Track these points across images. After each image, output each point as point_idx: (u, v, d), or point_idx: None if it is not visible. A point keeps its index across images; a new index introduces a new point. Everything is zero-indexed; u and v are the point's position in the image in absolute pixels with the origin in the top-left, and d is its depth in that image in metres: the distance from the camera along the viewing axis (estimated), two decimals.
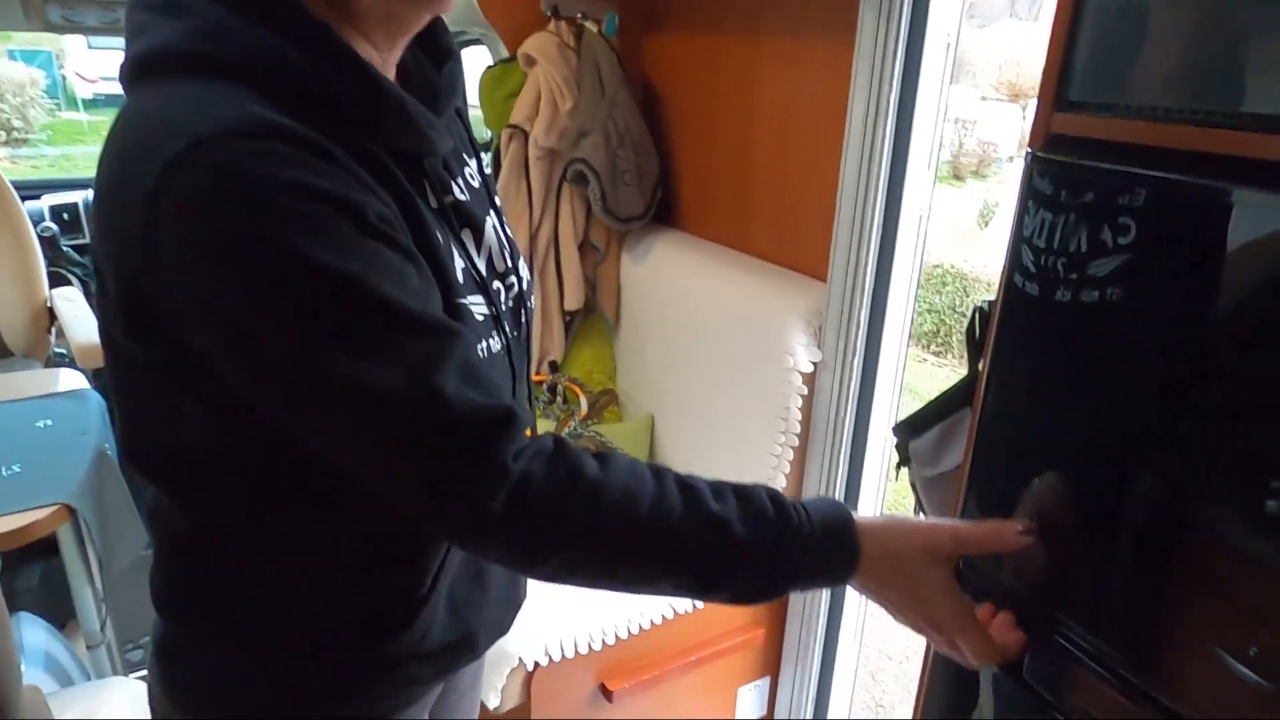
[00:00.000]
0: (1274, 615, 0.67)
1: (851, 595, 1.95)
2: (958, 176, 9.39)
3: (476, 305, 0.78)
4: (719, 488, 0.72)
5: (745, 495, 0.72)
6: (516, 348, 0.85)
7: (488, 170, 0.93)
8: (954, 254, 6.40)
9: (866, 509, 1.85)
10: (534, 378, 2.21)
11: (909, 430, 1.00)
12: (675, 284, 2.06)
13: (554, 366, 2.29)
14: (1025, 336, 0.81)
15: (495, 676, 1.57)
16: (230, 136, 0.60)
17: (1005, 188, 8.26)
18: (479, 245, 0.84)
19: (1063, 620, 0.76)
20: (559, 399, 2.24)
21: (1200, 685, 0.69)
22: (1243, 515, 0.69)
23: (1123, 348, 0.72)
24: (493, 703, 1.57)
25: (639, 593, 0.73)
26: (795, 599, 1.97)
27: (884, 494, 1.89)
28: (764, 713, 2.07)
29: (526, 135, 2.09)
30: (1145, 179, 0.63)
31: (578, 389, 2.23)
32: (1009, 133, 9.62)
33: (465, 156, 0.88)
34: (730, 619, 1.90)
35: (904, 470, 1.05)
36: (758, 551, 0.70)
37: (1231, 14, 0.59)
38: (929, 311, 6.16)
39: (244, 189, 0.59)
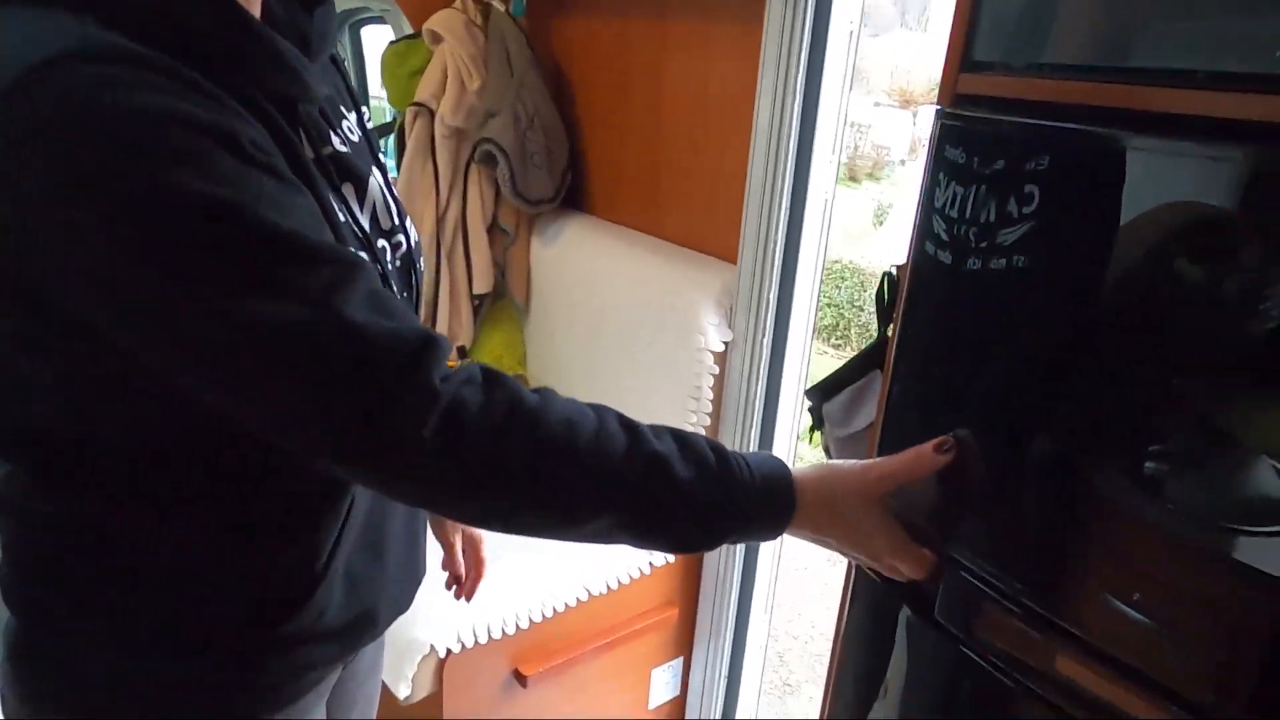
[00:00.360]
0: (1152, 567, 0.72)
1: (761, 576, 1.99)
2: (853, 178, 9.73)
3: None
4: (658, 430, 0.70)
5: (685, 440, 0.71)
6: None
7: (370, 124, 0.89)
8: (851, 251, 6.63)
9: None
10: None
11: (821, 394, 1.03)
12: (586, 267, 2.05)
13: (462, 352, 2.24)
14: (935, 302, 0.84)
15: (405, 665, 1.52)
16: (70, 62, 0.53)
17: (898, 189, 8.61)
18: (361, 200, 0.79)
19: (972, 561, 0.79)
20: None
21: (1095, 619, 0.73)
22: (1126, 475, 0.74)
23: (1026, 313, 0.76)
24: (403, 692, 1.52)
25: (570, 535, 0.70)
26: (708, 578, 1.99)
27: (792, 465, 1.93)
28: (677, 693, 2.09)
29: (432, 114, 2.03)
30: (1048, 137, 0.66)
31: None
32: (901, 137, 10.04)
33: (344, 109, 0.84)
34: (644, 600, 1.91)
35: (818, 434, 1.08)
36: (700, 496, 0.68)
37: None
38: (829, 306, 6.36)
39: (91, 119, 0.52)
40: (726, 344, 1.76)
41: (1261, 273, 0.67)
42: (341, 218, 0.74)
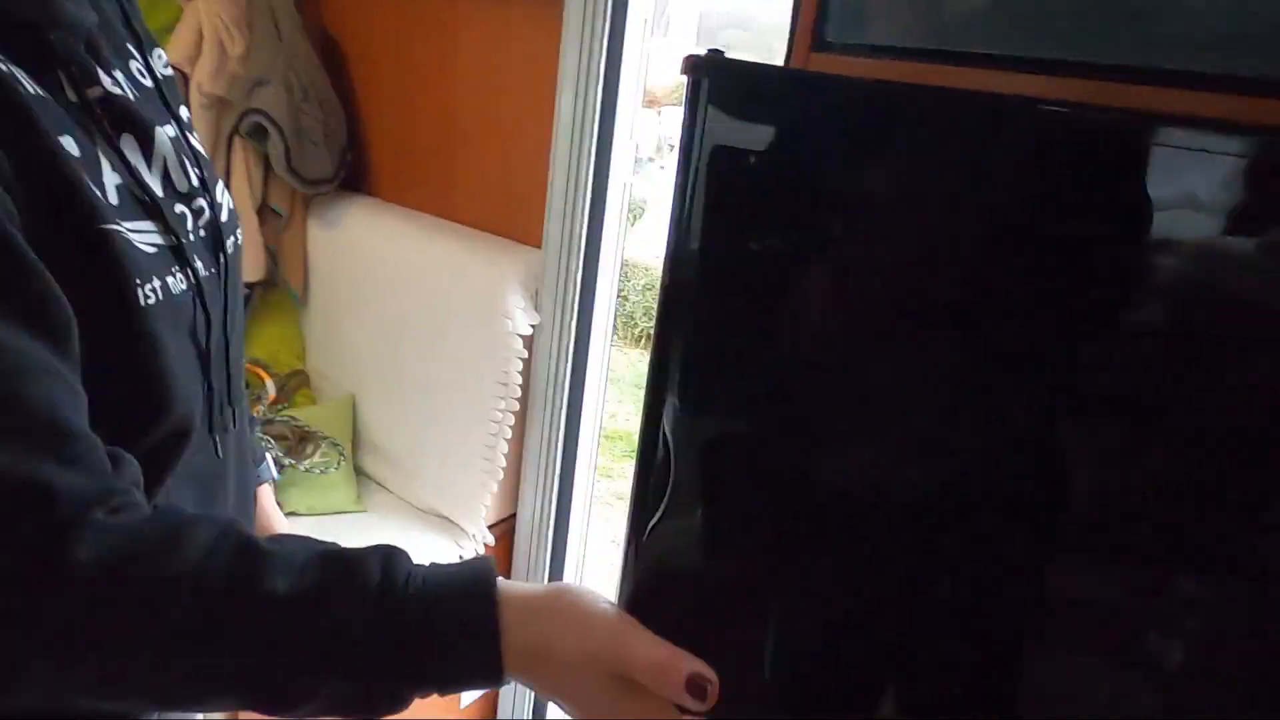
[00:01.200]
0: None
1: (570, 561, 2.00)
2: None
3: (141, 233, 0.64)
4: (293, 555, 0.54)
5: (337, 562, 0.55)
6: (212, 288, 0.72)
7: (168, 71, 0.78)
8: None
9: (584, 464, 1.91)
10: None
11: None
12: (376, 253, 1.93)
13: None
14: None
15: None
16: None
17: (650, 184, 9.00)
18: (149, 156, 0.69)
19: None
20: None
21: None
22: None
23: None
24: None
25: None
26: (518, 565, 1.97)
27: (598, 447, 1.96)
28: (488, 690, 2.04)
29: (186, 79, 1.80)
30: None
31: (262, 372, 1.99)
32: (648, 136, 10.54)
33: (131, 48, 0.73)
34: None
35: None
36: (348, 645, 0.52)
37: None
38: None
39: None
40: (534, 327, 1.75)
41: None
42: (115, 178, 0.63)
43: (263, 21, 1.83)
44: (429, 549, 1.80)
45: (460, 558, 1.80)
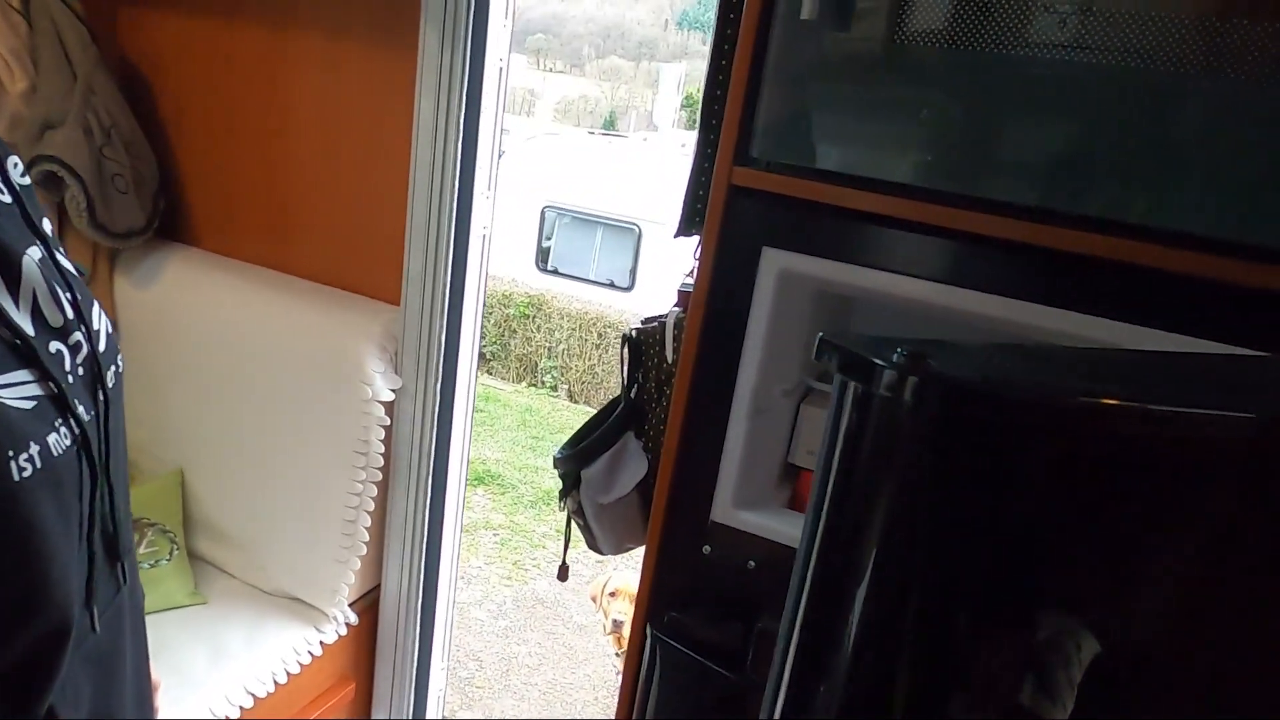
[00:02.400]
0: None
1: (439, 630, 1.90)
2: None
3: (14, 386, 0.55)
4: None
5: None
6: (95, 436, 0.62)
7: (25, 180, 0.66)
8: None
9: (450, 527, 1.82)
10: None
11: (580, 460, 1.02)
12: (200, 311, 1.73)
13: None
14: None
15: None
16: None
17: None
18: (15, 292, 0.59)
19: None
20: None
21: None
22: None
23: None
24: None
25: None
26: (384, 644, 1.84)
27: (461, 512, 1.88)
28: None
29: None
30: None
31: None
32: None
33: None
34: (318, 682, 1.70)
35: (567, 499, 1.07)
36: None
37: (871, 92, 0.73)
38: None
39: None
40: (395, 391, 1.64)
41: None
42: None
43: (50, 54, 1.59)
44: (283, 637, 1.64)
45: (321, 643, 1.68)
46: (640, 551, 0.94)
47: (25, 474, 0.54)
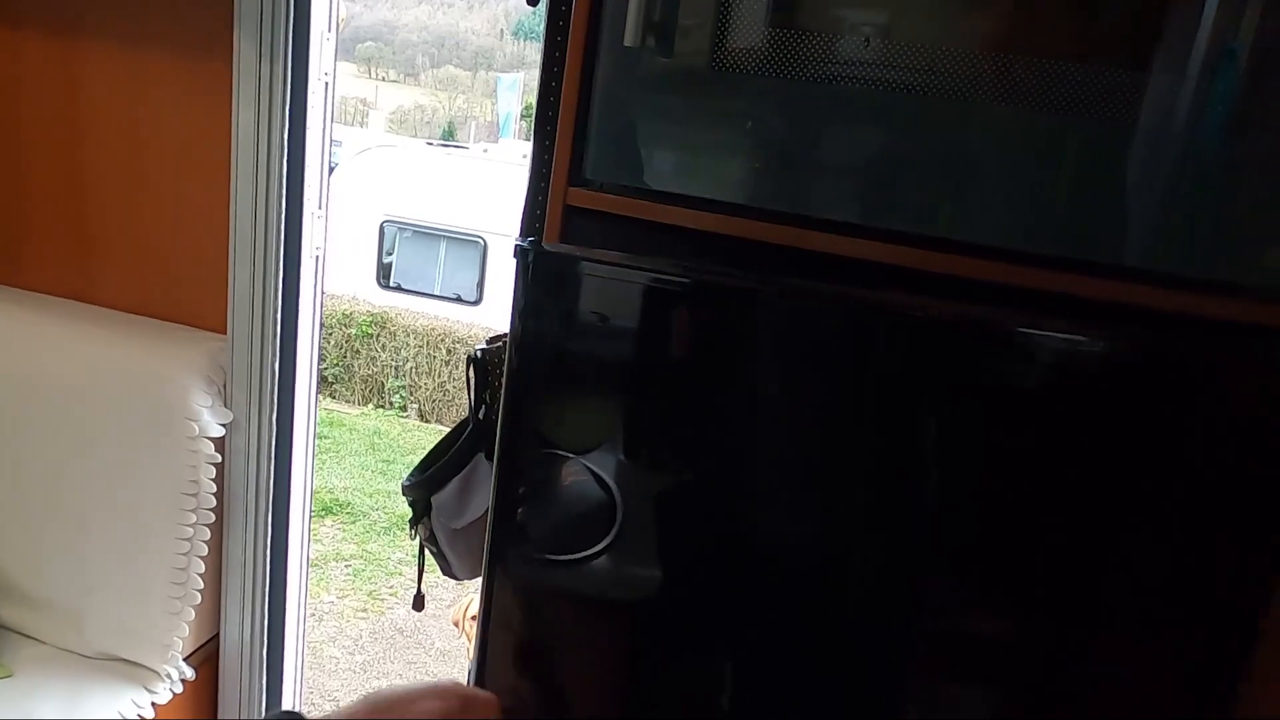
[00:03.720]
0: None
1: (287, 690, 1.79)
2: None
3: None
4: None
5: None
6: None
7: None
8: None
9: (295, 566, 1.73)
10: None
11: (430, 486, 0.99)
12: None
13: None
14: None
15: None
16: None
17: None
18: None
19: None
20: None
21: None
22: None
23: None
24: None
25: None
26: (226, 713, 1.72)
27: (307, 547, 1.78)
28: None
29: None
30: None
31: None
32: None
33: None
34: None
35: (419, 527, 1.03)
36: None
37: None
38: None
39: None
40: (225, 426, 1.53)
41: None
42: None
43: None
44: (107, 703, 1.49)
45: (153, 705, 1.54)
46: None
47: None
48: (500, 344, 0.98)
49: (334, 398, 6.13)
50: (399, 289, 6.51)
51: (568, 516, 0.84)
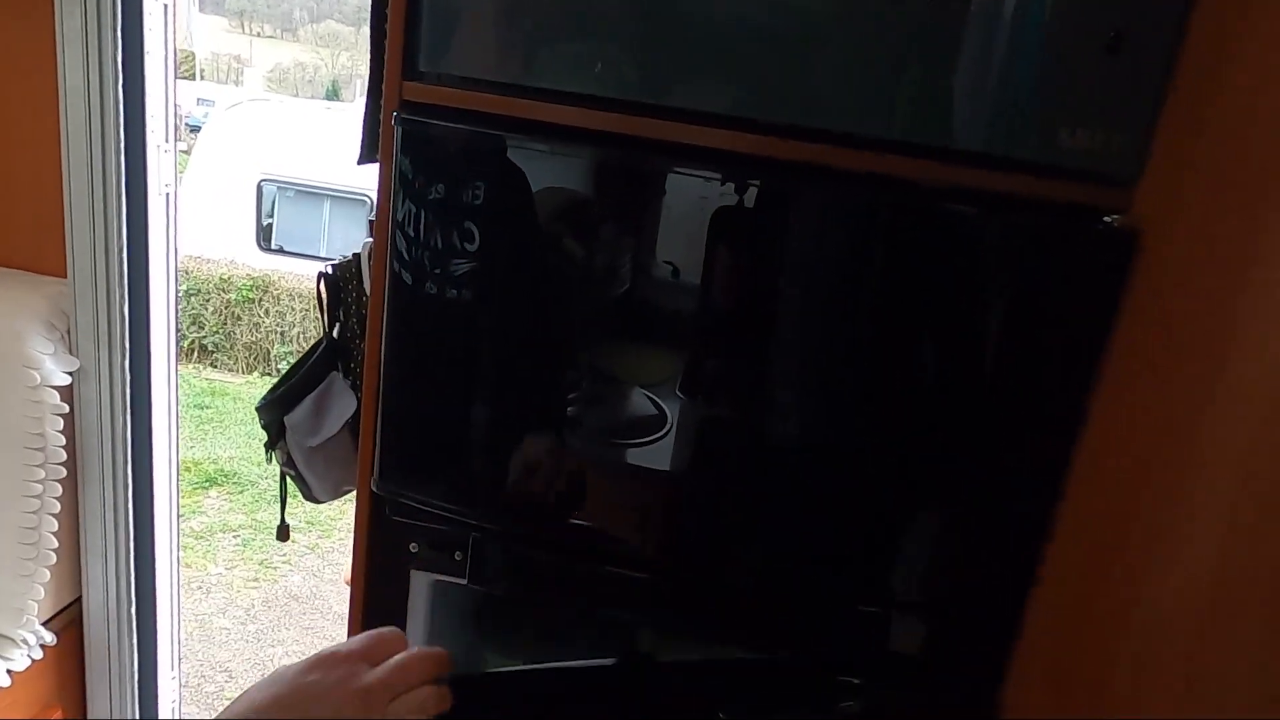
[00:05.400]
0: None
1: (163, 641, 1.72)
2: None
3: None
4: None
5: None
6: None
7: None
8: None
9: (163, 527, 1.65)
10: None
11: (283, 405, 0.95)
12: None
13: None
14: (406, 320, 0.84)
15: None
16: None
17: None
18: None
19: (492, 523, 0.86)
20: None
21: (574, 535, 0.89)
22: (558, 421, 0.89)
23: (484, 345, 0.83)
24: None
25: None
26: (95, 670, 1.64)
27: (177, 506, 1.71)
28: None
29: None
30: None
31: None
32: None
33: None
34: (14, 715, 1.48)
35: (275, 451, 1.00)
36: None
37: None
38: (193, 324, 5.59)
39: None
40: (73, 374, 1.44)
41: (615, 247, 0.88)
42: None
43: None
44: None
45: (8, 672, 1.45)
46: None
47: None
48: (352, 260, 0.95)
49: (216, 367, 5.84)
50: (281, 251, 6.22)
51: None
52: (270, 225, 6.41)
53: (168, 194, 1.53)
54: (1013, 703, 0.82)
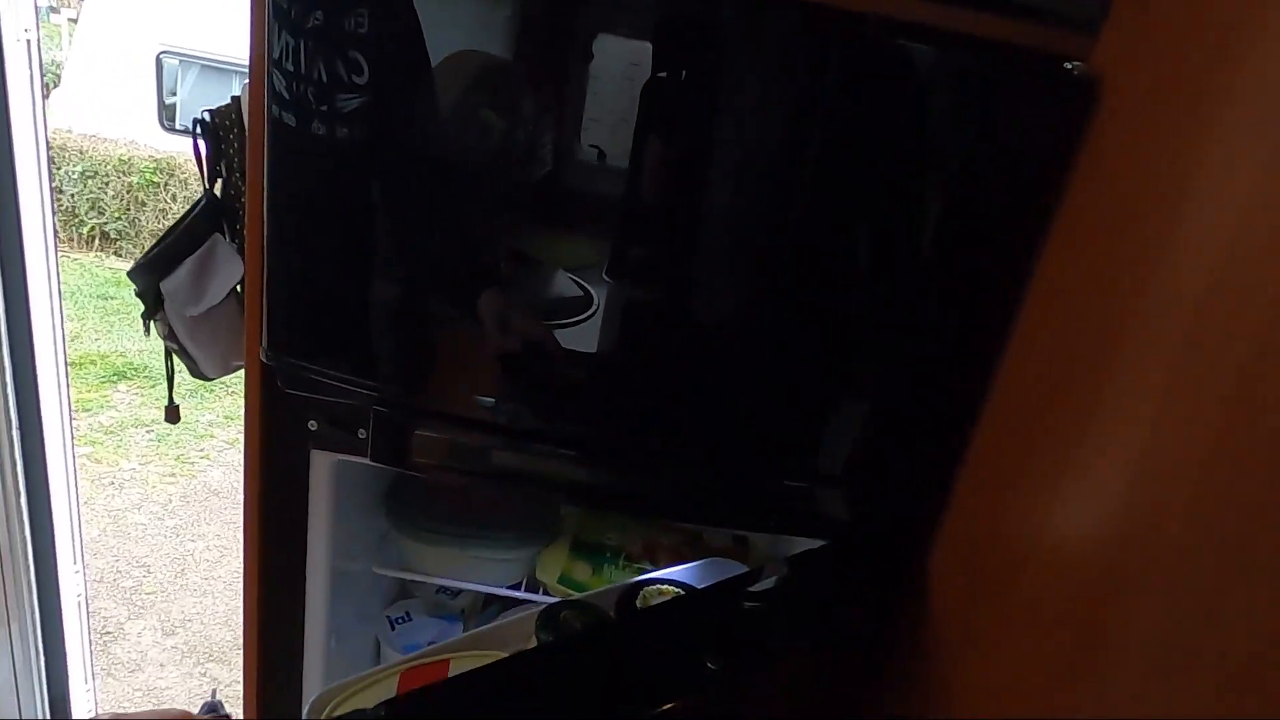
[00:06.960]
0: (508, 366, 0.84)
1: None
2: None
3: None
4: None
5: None
6: None
7: None
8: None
9: (51, 413, 1.54)
10: None
11: (155, 271, 0.85)
12: None
13: None
14: (292, 167, 0.74)
15: None
16: None
17: (60, 42, 7.14)
18: None
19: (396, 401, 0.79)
20: None
21: (471, 409, 0.83)
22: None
23: (383, 196, 0.73)
24: None
25: None
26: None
27: (67, 392, 1.59)
28: None
29: None
30: None
31: None
32: None
33: None
34: None
35: (155, 322, 0.90)
36: None
37: None
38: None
39: None
40: None
41: (536, 123, 0.79)
42: None
43: None
44: None
45: None
46: None
47: None
48: (232, 104, 0.84)
49: (120, 255, 5.48)
50: (187, 132, 5.76)
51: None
52: (174, 104, 5.92)
53: (28, 39, 1.35)
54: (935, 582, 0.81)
